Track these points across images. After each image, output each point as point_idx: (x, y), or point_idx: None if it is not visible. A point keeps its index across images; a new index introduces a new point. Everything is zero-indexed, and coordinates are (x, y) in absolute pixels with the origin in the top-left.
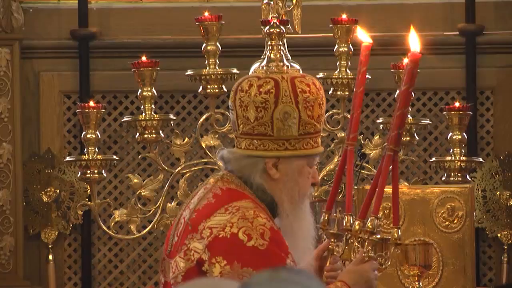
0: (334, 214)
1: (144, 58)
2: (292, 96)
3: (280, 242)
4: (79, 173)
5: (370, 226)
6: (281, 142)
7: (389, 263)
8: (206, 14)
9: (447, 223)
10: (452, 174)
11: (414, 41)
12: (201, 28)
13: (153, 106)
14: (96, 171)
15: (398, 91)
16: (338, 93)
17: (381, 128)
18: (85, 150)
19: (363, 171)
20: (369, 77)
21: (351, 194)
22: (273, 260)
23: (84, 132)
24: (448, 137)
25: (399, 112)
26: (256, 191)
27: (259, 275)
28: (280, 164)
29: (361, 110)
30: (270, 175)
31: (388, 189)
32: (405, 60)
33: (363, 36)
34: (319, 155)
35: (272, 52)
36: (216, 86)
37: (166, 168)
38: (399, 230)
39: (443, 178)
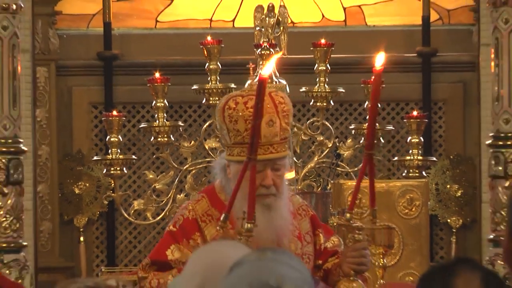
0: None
1: (157, 75)
2: (221, 111)
3: (186, 230)
4: (104, 170)
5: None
6: (227, 148)
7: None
8: (209, 38)
9: (406, 211)
10: (411, 170)
11: (379, 60)
12: (205, 50)
13: (165, 114)
14: (118, 168)
15: (367, 102)
16: (318, 104)
17: (353, 133)
18: (109, 151)
19: (338, 168)
20: (343, 91)
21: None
22: (171, 241)
23: (108, 136)
24: (408, 140)
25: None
26: (224, 186)
27: (249, 254)
28: (229, 166)
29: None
30: (227, 173)
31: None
32: (373, 77)
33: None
34: (265, 162)
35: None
36: (217, 98)
37: (176, 166)
38: (375, 211)
39: (404, 174)
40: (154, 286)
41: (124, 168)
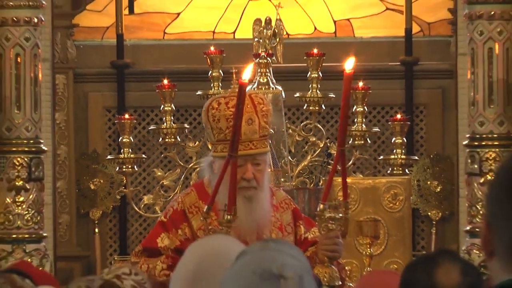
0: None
1: (165, 82)
2: (206, 111)
3: (175, 221)
4: (117, 167)
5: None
6: (212, 145)
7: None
8: (212, 48)
9: (391, 205)
10: (395, 168)
11: (348, 64)
12: (208, 59)
13: (172, 117)
14: (129, 166)
15: (354, 106)
16: (311, 108)
17: None
18: (122, 150)
19: (329, 166)
20: (334, 96)
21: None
22: (161, 230)
23: (120, 137)
24: (392, 141)
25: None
26: (211, 180)
27: (253, 245)
28: (214, 162)
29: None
30: (213, 169)
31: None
32: (360, 83)
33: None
34: (240, 158)
35: (261, 77)
36: None
37: (182, 164)
38: (348, 203)
39: (388, 172)
40: (144, 270)
41: (135, 166)
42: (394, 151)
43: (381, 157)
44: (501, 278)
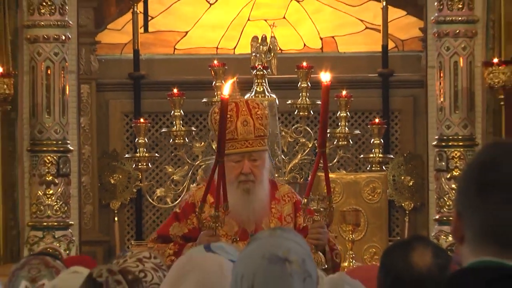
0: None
1: (175, 91)
2: (210, 116)
3: (186, 212)
4: (134, 165)
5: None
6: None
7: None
8: (215, 62)
9: (370, 197)
10: (373, 165)
11: (325, 77)
12: (212, 71)
13: (181, 121)
14: (144, 164)
15: (339, 112)
16: (301, 113)
17: (328, 134)
18: (137, 150)
19: None
20: (319, 102)
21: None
22: (174, 220)
23: (136, 139)
24: (371, 142)
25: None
26: None
27: (262, 232)
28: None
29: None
30: None
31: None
32: (344, 92)
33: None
34: (237, 154)
35: (258, 86)
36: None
37: (189, 161)
38: (331, 197)
39: (368, 168)
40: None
41: (149, 164)
42: (373, 150)
43: (362, 155)
44: (470, 260)
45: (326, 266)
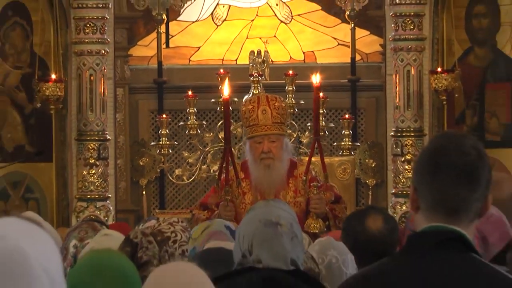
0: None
1: (190, 93)
2: (241, 108)
3: (220, 187)
4: (158, 150)
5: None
6: (244, 130)
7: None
8: (221, 70)
9: (341, 176)
10: (344, 151)
11: (315, 78)
12: (218, 78)
13: (194, 117)
14: (166, 150)
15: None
16: (288, 110)
17: (309, 128)
18: (161, 139)
19: (300, 149)
20: (303, 102)
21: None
22: (212, 193)
23: (160, 130)
24: (342, 133)
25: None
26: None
27: (258, 202)
28: (245, 142)
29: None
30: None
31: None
32: (321, 94)
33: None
34: (259, 137)
35: (255, 89)
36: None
37: (201, 148)
38: (327, 174)
39: (340, 153)
40: (196, 216)
41: (170, 149)
42: (343, 139)
43: (335, 143)
44: (423, 226)
45: (326, 230)
